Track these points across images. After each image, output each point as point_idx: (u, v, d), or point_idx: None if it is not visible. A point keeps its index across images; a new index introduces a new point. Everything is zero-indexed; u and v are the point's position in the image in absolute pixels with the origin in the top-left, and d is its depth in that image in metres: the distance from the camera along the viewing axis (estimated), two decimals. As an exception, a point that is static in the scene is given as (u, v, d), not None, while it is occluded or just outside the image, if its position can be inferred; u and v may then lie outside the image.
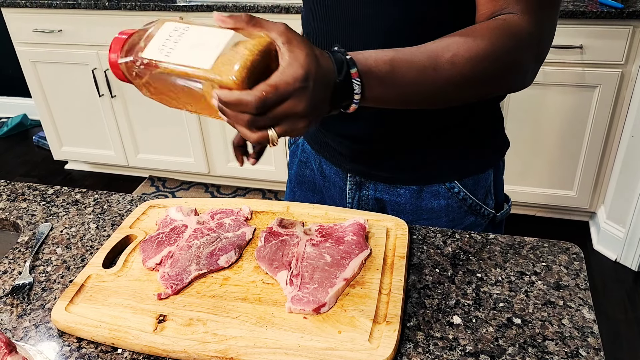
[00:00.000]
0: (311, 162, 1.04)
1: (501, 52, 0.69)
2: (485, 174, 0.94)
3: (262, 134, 0.58)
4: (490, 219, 0.97)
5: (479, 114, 0.90)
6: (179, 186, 2.91)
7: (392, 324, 0.68)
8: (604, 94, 2.09)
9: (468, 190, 0.92)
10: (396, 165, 0.92)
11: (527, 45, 0.71)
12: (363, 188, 0.96)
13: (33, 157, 3.28)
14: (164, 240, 0.84)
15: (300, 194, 1.09)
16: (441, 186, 0.92)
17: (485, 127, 0.93)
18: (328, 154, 0.99)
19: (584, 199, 2.35)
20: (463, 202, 0.93)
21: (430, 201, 0.93)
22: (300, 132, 0.59)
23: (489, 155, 0.95)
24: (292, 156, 1.11)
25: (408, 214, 0.95)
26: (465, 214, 0.94)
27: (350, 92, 0.62)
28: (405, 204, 0.94)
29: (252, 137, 0.58)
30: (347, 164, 0.96)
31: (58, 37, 2.56)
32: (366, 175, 0.95)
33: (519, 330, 0.70)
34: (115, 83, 2.60)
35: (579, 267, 0.79)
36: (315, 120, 0.60)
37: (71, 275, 0.83)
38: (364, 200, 0.97)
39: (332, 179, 1.00)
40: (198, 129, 2.63)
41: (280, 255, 0.80)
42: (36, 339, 0.72)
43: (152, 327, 0.70)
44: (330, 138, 0.95)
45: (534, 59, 0.73)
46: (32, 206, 1.00)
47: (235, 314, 0.72)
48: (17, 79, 3.27)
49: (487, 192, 0.95)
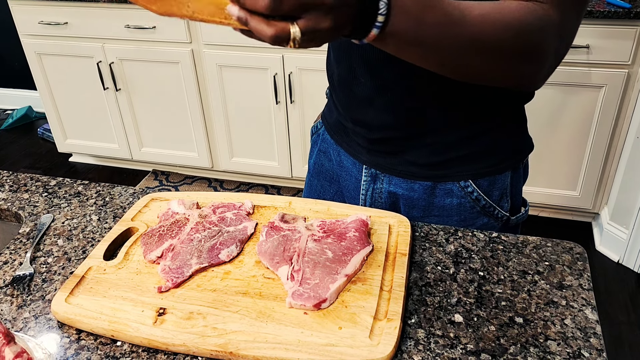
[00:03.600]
0: (330, 152, 1.04)
1: (528, 30, 0.66)
2: (502, 175, 0.91)
3: (282, 28, 0.52)
4: (504, 222, 0.95)
5: (502, 113, 0.88)
6: (183, 180, 2.91)
7: (393, 321, 0.68)
8: (610, 94, 2.08)
9: (482, 191, 0.91)
10: (411, 159, 0.91)
11: (553, 34, 0.69)
12: (377, 181, 0.96)
13: (37, 149, 3.29)
14: (166, 233, 0.84)
15: (317, 184, 1.09)
16: (455, 184, 0.91)
17: (507, 128, 0.90)
18: (346, 144, 0.98)
19: (588, 199, 2.34)
20: (476, 203, 0.91)
21: (442, 198, 0.92)
22: (322, 35, 0.54)
23: (508, 156, 0.92)
24: (313, 146, 1.11)
25: (420, 209, 0.94)
26: (478, 215, 0.93)
27: (375, 10, 0.58)
28: (418, 199, 0.93)
29: (269, 32, 0.52)
30: (364, 156, 0.95)
31: (63, 30, 2.56)
32: (381, 167, 0.94)
33: (520, 330, 0.69)
34: (120, 76, 2.60)
35: (582, 267, 0.79)
36: (338, 28, 0.55)
37: (72, 267, 0.82)
38: (377, 192, 0.97)
39: (349, 169, 1.00)
40: (202, 123, 2.63)
41: (281, 250, 0.79)
42: (36, 330, 0.72)
43: (152, 320, 0.70)
44: (350, 127, 0.95)
45: (554, 51, 0.71)
46: (34, 197, 1.00)
47: (235, 308, 0.71)
48: (23, 71, 3.28)
49: (502, 194, 0.93)
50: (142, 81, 2.60)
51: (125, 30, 2.47)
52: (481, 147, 0.89)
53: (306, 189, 1.13)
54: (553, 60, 0.72)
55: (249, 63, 2.39)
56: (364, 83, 0.87)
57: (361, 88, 0.88)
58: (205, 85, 2.53)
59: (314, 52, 2.28)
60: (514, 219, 0.96)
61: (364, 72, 0.86)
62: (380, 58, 0.83)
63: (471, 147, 0.89)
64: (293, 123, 2.49)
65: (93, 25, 2.51)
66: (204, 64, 2.46)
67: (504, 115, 0.89)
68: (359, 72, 0.87)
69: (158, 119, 2.70)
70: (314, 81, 2.35)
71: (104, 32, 2.51)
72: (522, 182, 0.97)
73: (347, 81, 0.90)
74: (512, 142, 0.92)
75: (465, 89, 0.82)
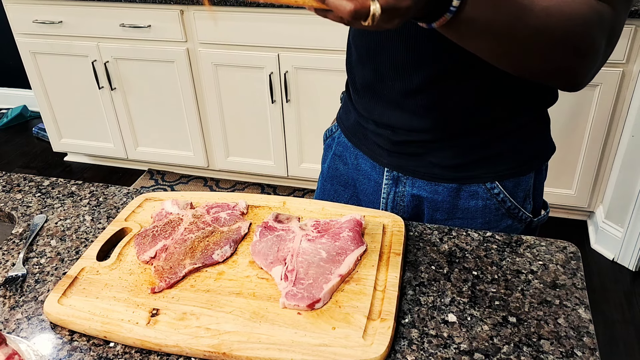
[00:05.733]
0: (346, 156, 1.03)
1: (589, 24, 0.65)
2: (526, 176, 0.91)
3: (362, 3, 0.50)
4: (527, 224, 0.94)
5: (528, 115, 0.88)
6: (178, 180, 2.90)
7: (387, 321, 0.68)
8: (605, 93, 2.08)
9: (508, 192, 0.90)
10: (435, 161, 0.90)
11: (606, 30, 0.68)
12: (400, 184, 0.95)
13: (32, 149, 3.28)
14: (159, 233, 0.84)
15: (330, 188, 1.08)
16: (480, 186, 0.90)
17: (531, 129, 0.90)
18: (366, 147, 0.97)
19: (583, 198, 2.34)
20: (502, 204, 0.91)
21: (467, 201, 0.91)
22: (400, 14, 0.53)
23: (532, 158, 0.92)
24: (327, 150, 1.09)
25: (444, 212, 0.93)
26: (502, 217, 0.92)
27: None
28: (442, 201, 0.92)
29: (348, 7, 0.50)
30: (385, 158, 0.94)
31: (58, 29, 2.55)
32: (404, 170, 0.93)
33: (514, 329, 0.69)
34: (115, 75, 2.59)
35: (575, 267, 0.79)
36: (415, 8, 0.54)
37: (65, 268, 0.82)
38: (399, 196, 0.95)
39: (367, 173, 0.99)
40: (198, 122, 2.62)
41: (275, 250, 0.79)
42: (28, 332, 0.71)
43: (145, 320, 0.70)
44: (371, 130, 0.93)
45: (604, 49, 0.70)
46: (28, 197, 0.99)
47: (229, 308, 0.71)
48: (17, 70, 3.27)
49: (526, 196, 0.93)
50: (138, 80, 2.59)
51: (120, 29, 2.46)
52: (506, 149, 0.88)
53: (318, 193, 1.12)
54: (602, 58, 0.71)
55: (245, 62, 2.38)
56: (391, 86, 0.86)
57: (388, 91, 0.87)
58: (200, 84, 2.52)
59: (309, 51, 2.27)
60: (536, 221, 0.96)
61: (392, 75, 0.85)
62: (409, 61, 0.82)
63: (496, 149, 0.88)
64: (289, 122, 2.48)
65: (88, 24, 2.50)
66: (199, 63, 2.45)
67: (529, 118, 0.89)
68: (386, 75, 0.86)
69: (153, 118, 2.69)
70: (309, 80, 2.35)
71: (98, 31, 2.50)
72: (543, 184, 0.97)
73: (372, 84, 0.89)
74: (536, 143, 0.92)
75: (494, 91, 0.82)
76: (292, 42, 2.28)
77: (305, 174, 2.63)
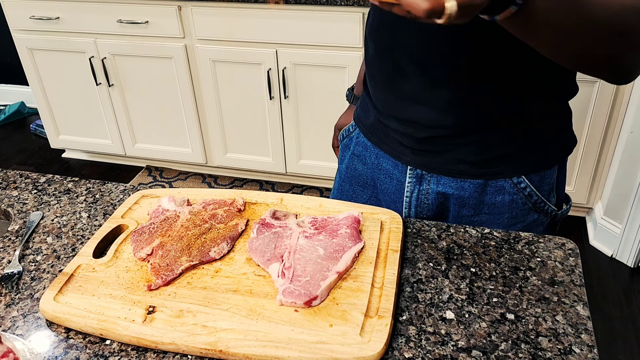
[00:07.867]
0: (366, 156, 1.02)
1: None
2: (550, 170, 0.91)
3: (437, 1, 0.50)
4: (552, 217, 0.94)
5: (551, 107, 0.87)
6: (176, 176, 2.90)
7: (384, 318, 0.68)
8: (604, 89, 2.08)
9: (534, 186, 0.90)
10: (460, 157, 0.89)
11: None
12: (424, 182, 0.94)
13: (30, 146, 3.27)
14: (156, 230, 0.83)
15: (349, 189, 1.07)
16: (507, 181, 0.90)
17: (555, 122, 0.90)
18: (387, 146, 0.96)
19: (582, 194, 2.34)
20: (528, 199, 0.91)
21: (493, 196, 0.91)
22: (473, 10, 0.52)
23: (557, 151, 0.92)
24: (344, 150, 1.08)
25: (470, 208, 0.93)
26: (529, 211, 0.92)
27: None
28: (469, 198, 0.92)
29: (423, 5, 0.50)
30: (408, 156, 0.93)
31: (55, 25, 2.54)
32: (428, 167, 0.92)
33: (512, 326, 0.69)
34: (113, 72, 2.58)
35: (574, 263, 0.79)
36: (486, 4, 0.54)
37: (61, 265, 0.82)
38: (424, 194, 0.95)
39: (389, 172, 0.98)
40: (196, 119, 2.61)
41: (272, 247, 0.79)
42: (24, 329, 0.71)
43: (142, 318, 0.69)
44: (393, 128, 0.92)
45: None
46: (24, 194, 0.99)
47: (225, 306, 0.71)
48: (15, 66, 3.25)
49: (550, 189, 0.93)
50: (135, 76, 2.58)
51: (117, 25, 2.45)
52: (531, 143, 0.88)
53: (336, 194, 1.10)
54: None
55: (243, 58, 2.37)
56: (412, 80, 0.85)
57: (409, 86, 0.86)
58: (198, 81, 2.51)
59: (307, 47, 2.27)
60: (560, 214, 0.96)
61: (412, 69, 0.84)
62: (429, 54, 0.81)
63: (521, 143, 0.88)
64: (287, 118, 2.48)
65: (85, 20, 2.49)
66: (197, 59, 2.45)
67: (552, 110, 0.88)
68: (407, 70, 0.85)
69: (151, 115, 2.68)
70: (308, 76, 2.34)
71: (96, 27, 2.49)
72: (565, 177, 0.97)
73: (392, 79, 0.88)
74: (559, 136, 0.92)
75: (518, 85, 0.81)
76: (290, 38, 2.27)
77: (303, 171, 2.62)
